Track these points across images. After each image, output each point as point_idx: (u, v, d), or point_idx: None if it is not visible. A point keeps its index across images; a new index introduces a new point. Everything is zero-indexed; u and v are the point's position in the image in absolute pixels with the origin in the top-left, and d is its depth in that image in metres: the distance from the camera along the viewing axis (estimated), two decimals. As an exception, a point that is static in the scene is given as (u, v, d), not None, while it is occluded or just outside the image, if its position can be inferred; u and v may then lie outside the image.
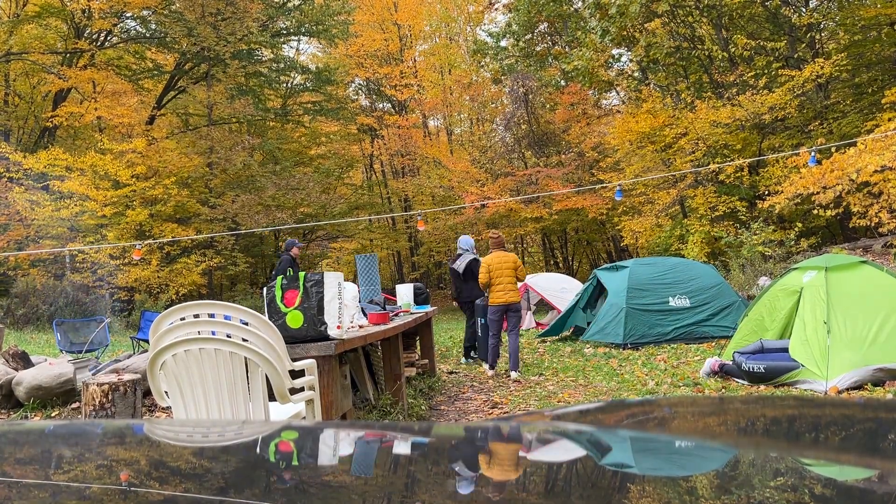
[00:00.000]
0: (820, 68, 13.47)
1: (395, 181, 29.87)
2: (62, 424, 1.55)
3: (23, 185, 17.54)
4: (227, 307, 3.24)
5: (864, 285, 5.99)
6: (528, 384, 7.10)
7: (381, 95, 29.66)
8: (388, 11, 27.96)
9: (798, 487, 0.65)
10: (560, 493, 0.67)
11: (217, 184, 20.27)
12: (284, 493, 0.67)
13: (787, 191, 11.92)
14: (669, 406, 1.21)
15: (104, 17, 19.22)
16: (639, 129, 15.98)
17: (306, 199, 21.35)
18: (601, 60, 18.49)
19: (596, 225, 21.70)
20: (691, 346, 8.58)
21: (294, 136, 26.44)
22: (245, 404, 2.87)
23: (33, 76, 22.27)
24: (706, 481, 0.69)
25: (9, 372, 6.00)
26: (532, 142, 22.82)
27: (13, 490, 0.66)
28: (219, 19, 19.03)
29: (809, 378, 5.69)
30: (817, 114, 15.67)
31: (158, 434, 1.03)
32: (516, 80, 21.86)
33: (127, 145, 17.69)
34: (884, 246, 12.39)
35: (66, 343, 9.14)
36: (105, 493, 0.65)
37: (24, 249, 16.65)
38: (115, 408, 4.56)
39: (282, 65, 24.91)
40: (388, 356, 5.54)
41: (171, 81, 22.14)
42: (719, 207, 14.63)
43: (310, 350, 3.52)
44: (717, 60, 16.76)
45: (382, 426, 1.41)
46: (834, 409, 1.16)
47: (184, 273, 17.60)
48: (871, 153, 10.66)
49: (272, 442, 0.95)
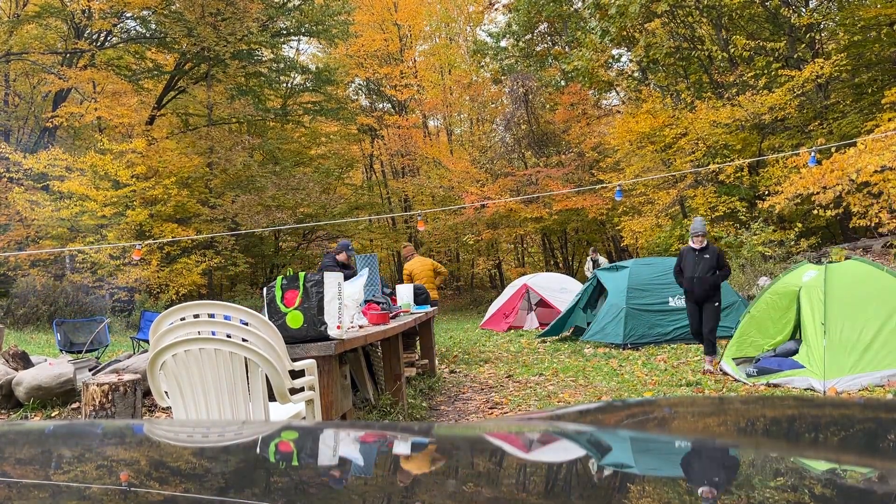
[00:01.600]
0: (820, 68, 13.46)
1: (395, 181, 29.86)
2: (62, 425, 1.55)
3: (23, 185, 17.56)
4: (227, 307, 3.23)
5: (863, 285, 5.99)
6: (528, 384, 7.10)
7: (381, 95, 29.66)
8: (388, 11, 27.95)
9: (798, 487, 0.65)
10: (560, 494, 0.67)
11: (217, 184, 20.27)
12: (284, 493, 0.67)
13: (787, 191, 11.91)
14: (669, 406, 1.21)
15: (104, 18, 19.23)
16: (639, 129, 15.98)
17: (306, 199, 21.34)
18: (601, 60, 18.48)
19: (596, 225, 21.70)
20: (691, 346, 8.58)
21: (294, 136, 26.44)
22: (245, 404, 2.87)
23: (33, 76, 22.28)
24: (706, 481, 0.69)
25: (9, 372, 6.00)
26: (532, 142, 22.82)
27: (13, 490, 0.66)
28: (219, 19, 19.03)
29: (809, 377, 5.70)
30: (817, 114, 15.66)
31: (158, 434, 1.03)
32: (516, 81, 21.85)
33: (127, 145, 17.69)
34: (884, 246, 12.38)
35: (66, 343, 9.14)
36: (105, 494, 0.65)
37: (25, 250, 16.65)
38: (115, 408, 4.56)
39: (282, 65, 24.91)
40: (388, 356, 5.54)
41: (170, 81, 22.13)
42: (719, 207, 14.62)
43: (310, 350, 3.52)
44: (717, 60, 16.76)
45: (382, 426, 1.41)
46: (834, 410, 1.16)
47: (184, 273, 17.60)
48: (871, 153, 10.66)
49: (272, 442, 0.95)
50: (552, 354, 9.29)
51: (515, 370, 8.04)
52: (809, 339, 5.91)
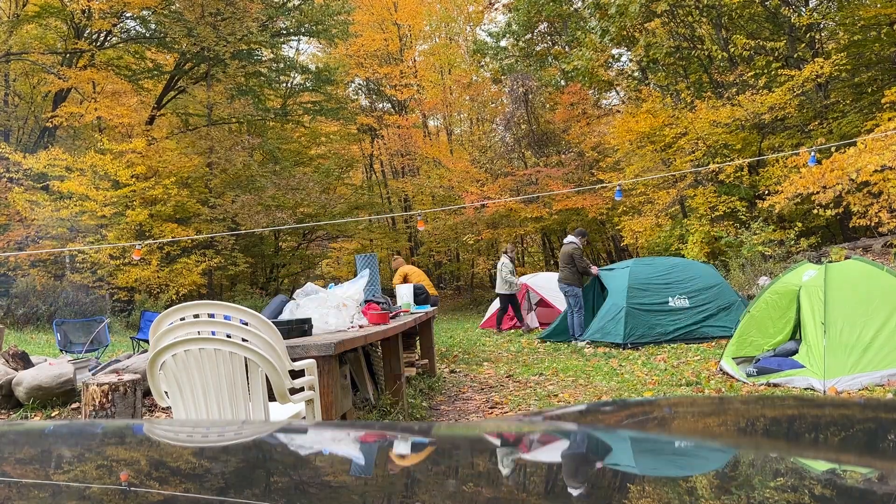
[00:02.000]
0: (820, 68, 13.46)
1: (395, 181, 29.87)
2: (62, 424, 1.55)
3: (23, 185, 17.54)
4: (227, 307, 3.23)
5: (863, 285, 5.99)
6: (528, 384, 7.10)
7: (381, 95, 29.67)
8: (387, 11, 27.95)
9: (798, 488, 0.65)
10: (560, 494, 0.67)
11: (217, 184, 20.27)
12: (284, 493, 0.67)
13: (787, 190, 11.91)
14: (669, 406, 1.21)
15: (104, 18, 19.21)
16: (638, 128, 15.97)
17: (306, 199, 21.34)
18: (601, 60, 18.49)
19: (596, 225, 21.70)
20: (691, 346, 8.59)
21: (294, 135, 26.44)
22: (245, 404, 2.87)
23: (33, 76, 22.27)
24: (706, 481, 0.69)
25: (9, 372, 6.00)
26: (532, 141, 22.81)
27: (13, 490, 0.66)
28: (218, 19, 19.02)
29: (809, 376, 5.70)
30: (817, 113, 15.66)
31: (158, 434, 1.03)
32: (516, 80, 21.85)
33: (127, 145, 17.68)
34: (884, 245, 12.38)
35: (65, 343, 9.13)
36: (105, 493, 0.65)
37: (24, 250, 16.64)
38: (114, 408, 4.56)
39: (282, 65, 24.91)
40: (388, 356, 5.54)
41: (170, 81, 22.13)
42: (719, 207, 14.62)
43: (310, 350, 3.52)
44: (717, 60, 16.75)
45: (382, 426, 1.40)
46: (834, 410, 1.16)
47: (184, 273, 17.60)
48: (871, 153, 10.66)
49: (272, 442, 0.95)
50: (552, 354, 9.29)
51: (515, 370, 8.04)
52: (809, 338, 5.91)
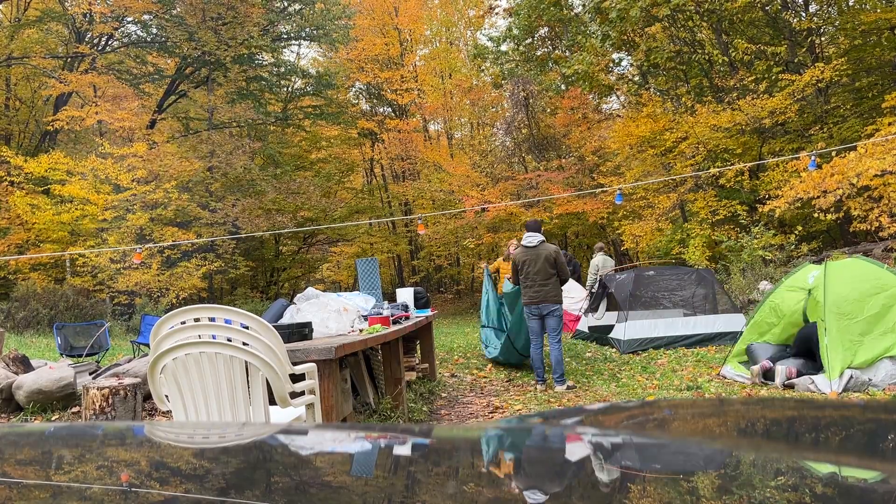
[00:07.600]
0: (820, 73, 13.48)
1: (396, 185, 29.87)
2: (63, 426, 1.55)
3: (23, 189, 17.56)
4: (228, 311, 3.23)
5: (863, 282, 5.99)
6: (529, 388, 7.09)
7: (382, 99, 29.68)
8: (388, 16, 28.00)
9: (798, 488, 0.65)
10: (560, 494, 0.67)
11: (217, 188, 20.28)
12: (284, 494, 0.67)
13: (788, 195, 11.91)
14: (669, 408, 1.21)
15: (105, 22, 19.27)
16: (639, 133, 15.99)
17: (307, 202, 21.35)
18: (601, 65, 18.50)
19: (596, 229, 21.70)
20: (690, 352, 8.58)
21: (294, 140, 26.46)
22: (245, 408, 2.87)
23: (34, 80, 22.31)
24: (706, 482, 0.69)
25: (9, 376, 6.00)
26: (532, 146, 22.83)
27: (14, 491, 0.66)
28: (220, 24, 19.07)
29: (812, 375, 5.72)
30: (817, 118, 15.67)
31: (158, 435, 1.03)
32: (517, 85, 21.87)
33: (128, 149, 17.70)
34: (884, 250, 12.38)
35: (66, 347, 9.12)
36: (105, 494, 0.66)
37: (25, 253, 16.65)
38: (115, 412, 4.55)
39: (282, 69, 24.96)
40: (388, 360, 5.53)
41: (171, 85, 22.17)
42: (720, 211, 14.62)
43: (310, 354, 3.51)
44: (718, 65, 16.78)
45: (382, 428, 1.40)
46: (834, 411, 1.16)
47: (184, 277, 17.59)
48: (872, 157, 10.66)
49: (272, 443, 0.95)
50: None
51: (515, 374, 8.03)
52: (815, 338, 5.93)
